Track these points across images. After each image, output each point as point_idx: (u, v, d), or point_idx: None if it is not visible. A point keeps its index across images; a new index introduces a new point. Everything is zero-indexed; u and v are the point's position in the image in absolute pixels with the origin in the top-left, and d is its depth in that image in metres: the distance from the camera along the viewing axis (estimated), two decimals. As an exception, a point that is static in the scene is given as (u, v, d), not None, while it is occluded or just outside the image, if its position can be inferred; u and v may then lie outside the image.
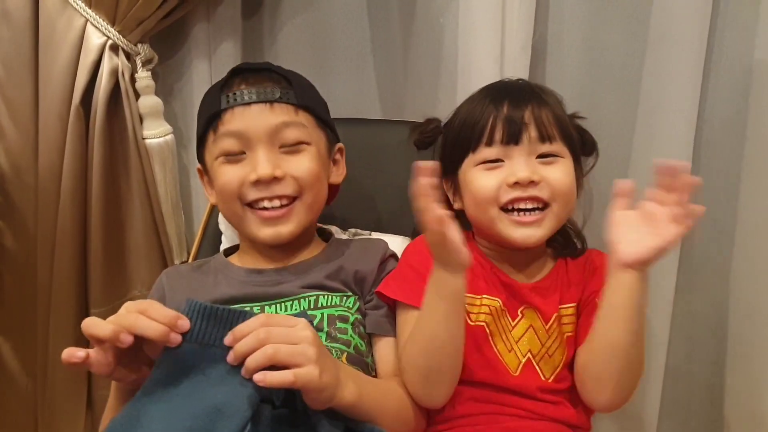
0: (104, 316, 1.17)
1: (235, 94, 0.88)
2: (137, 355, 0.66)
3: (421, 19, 1.21)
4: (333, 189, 0.98)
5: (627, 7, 1.15)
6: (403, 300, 0.86)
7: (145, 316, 0.64)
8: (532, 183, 0.84)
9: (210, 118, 0.89)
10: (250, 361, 0.63)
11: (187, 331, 0.64)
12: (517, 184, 0.84)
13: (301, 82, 0.94)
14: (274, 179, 0.86)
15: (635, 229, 0.77)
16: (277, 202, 0.88)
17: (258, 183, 0.86)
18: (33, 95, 1.16)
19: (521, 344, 0.87)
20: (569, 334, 0.89)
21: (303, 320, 0.67)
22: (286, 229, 0.89)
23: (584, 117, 0.96)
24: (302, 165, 0.88)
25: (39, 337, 1.24)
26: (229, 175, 0.88)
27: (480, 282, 0.89)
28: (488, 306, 0.88)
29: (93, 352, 0.65)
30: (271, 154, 0.87)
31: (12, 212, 1.21)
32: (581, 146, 0.95)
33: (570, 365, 0.88)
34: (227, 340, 0.64)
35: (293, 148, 0.89)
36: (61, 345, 1.21)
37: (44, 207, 1.18)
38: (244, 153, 0.88)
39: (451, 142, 0.93)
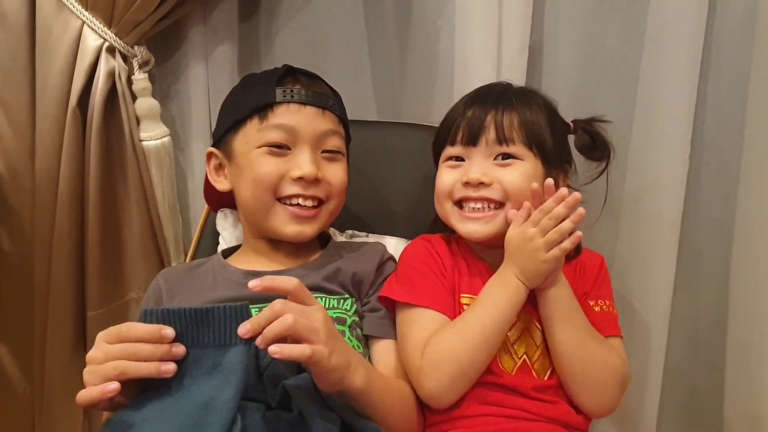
0: (101, 319, 1.17)
1: (292, 90, 0.91)
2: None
3: (417, 22, 1.21)
4: None
5: (623, 8, 1.15)
6: (411, 301, 0.87)
7: (137, 342, 0.64)
8: (482, 184, 0.88)
9: (261, 107, 0.91)
10: (270, 330, 0.63)
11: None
12: (468, 184, 0.88)
13: (337, 96, 0.98)
14: (315, 180, 0.89)
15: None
16: (309, 202, 0.91)
17: (300, 180, 0.89)
18: (30, 98, 1.16)
19: (517, 346, 0.87)
20: None
21: (318, 303, 0.69)
22: (311, 229, 0.92)
23: (609, 121, 0.98)
24: (338, 173, 0.93)
25: (36, 341, 1.24)
26: (270, 166, 0.90)
27: (477, 284, 0.90)
28: None
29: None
30: (315, 156, 0.90)
31: (9, 215, 1.21)
32: (590, 151, 0.98)
33: None
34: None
35: (332, 155, 0.93)
36: (58, 348, 1.21)
37: (41, 210, 1.18)
38: (290, 148, 0.90)
39: (434, 141, 0.98)
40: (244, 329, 0.64)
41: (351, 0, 1.27)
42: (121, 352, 0.64)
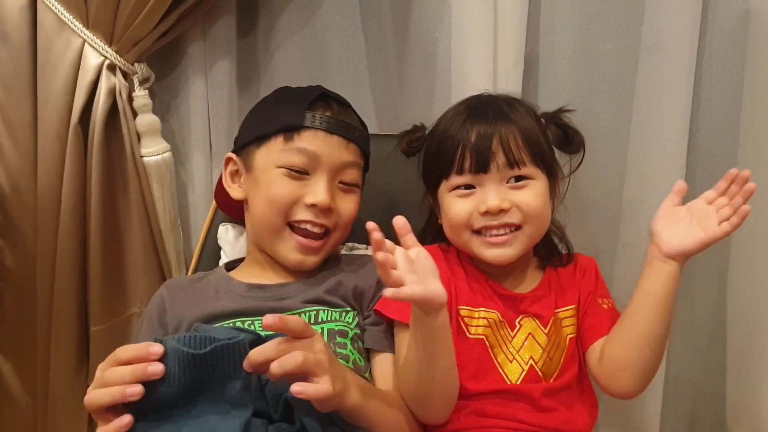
0: (104, 334, 1.16)
1: (321, 117, 0.91)
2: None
3: (414, 34, 1.22)
4: None
5: (618, 18, 1.16)
6: (400, 319, 0.87)
7: (118, 365, 0.65)
8: (502, 211, 0.86)
9: (288, 128, 0.91)
10: (278, 366, 0.63)
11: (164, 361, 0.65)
12: (487, 213, 0.87)
13: (365, 128, 0.98)
14: (327, 209, 0.90)
15: (681, 223, 0.83)
16: (318, 229, 0.91)
17: (313, 207, 0.89)
18: (32, 115, 1.17)
19: (522, 353, 0.88)
20: (571, 335, 0.91)
21: (317, 333, 0.69)
22: (313, 259, 0.93)
23: (572, 110, 0.97)
24: (349, 206, 0.93)
25: (39, 356, 1.24)
26: (286, 189, 0.90)
27: (477, 295, 0.90)
28: (486, 318, 0.89)
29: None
30: (331, 185, 0.91)
31: (12, 231, 1.22)
32: (566, 144, 0.96)
33: (569, 365, 0.89)
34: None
35: (348, 187, 0.93)
36: (61, 363, 1.21)
37: (43, 225, 1.18)
38: (308, 174, 0.90)
39: (429, 163, 0.95)
40: (246, 364, 0.65)
41: (349, 14, 1.28)
42: (111, 374, 0.65)
